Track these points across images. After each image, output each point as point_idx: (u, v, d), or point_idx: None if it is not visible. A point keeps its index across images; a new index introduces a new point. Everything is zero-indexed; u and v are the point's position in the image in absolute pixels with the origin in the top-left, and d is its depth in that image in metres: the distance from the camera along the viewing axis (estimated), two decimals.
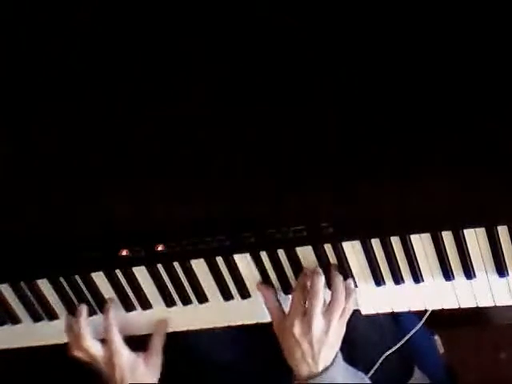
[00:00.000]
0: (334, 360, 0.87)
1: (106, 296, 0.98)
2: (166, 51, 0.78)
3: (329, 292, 0.88)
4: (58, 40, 0.79)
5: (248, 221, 0.87)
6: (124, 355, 0.93)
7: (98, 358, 0.94)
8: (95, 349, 0.94)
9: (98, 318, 0.99)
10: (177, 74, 0.79)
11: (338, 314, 0.86)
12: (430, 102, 0.75)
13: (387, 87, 0.75)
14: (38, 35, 0.79)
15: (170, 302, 0.97)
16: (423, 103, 0.75)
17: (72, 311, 1.00)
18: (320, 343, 0.85)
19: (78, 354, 0.95)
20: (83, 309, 0.96)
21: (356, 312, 0.90)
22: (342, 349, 0.90)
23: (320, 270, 0.88)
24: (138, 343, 0.96)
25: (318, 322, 0.85)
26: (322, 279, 0.87)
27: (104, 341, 0.95)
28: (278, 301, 0.91)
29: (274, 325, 0.90)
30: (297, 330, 0.85)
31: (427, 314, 0.93)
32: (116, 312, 0.96)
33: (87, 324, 0.95)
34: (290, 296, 0.92)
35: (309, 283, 0.87)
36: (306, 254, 0.89)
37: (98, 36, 0.78)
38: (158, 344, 0.96)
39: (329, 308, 0.86)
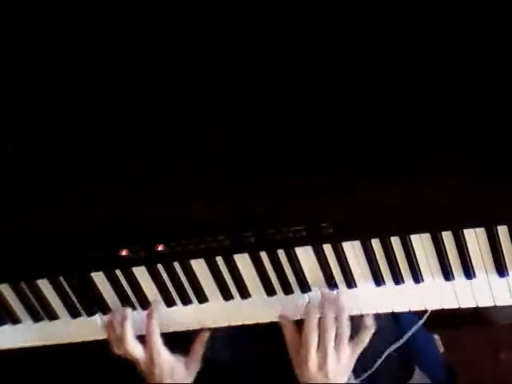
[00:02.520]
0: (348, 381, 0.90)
1: (106, 296, 0.98)
2: (167, 51, 0.78)
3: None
4: (58, 40, 0.79)
5: (248, 221, 0.87)
6: (165, 358, 0.94)
7: (139, 359, 0.95)
8: (137, 351, 0.94)
9: (99, 318, 0.99)
10: (176, 73, 0.79)
11: (346, 345, 0.88)
12: (430, 102, 0.75)
13: (387, 87, 0.75)
14: (38, 35, 0.79)
15: (170, 302, 0.97)
16: (423, 103, 0.75)
17: (72, 311, 1.00)
18: (335, 374, 0.88)
19: (118, 352, 0.96)
20: (128, 311, 0.96)
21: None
22: None
23: (329, 299, 0.89)
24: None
25: (332, 356, 0.87)
26: (332, 312, 0.88)
27: (143, 339, 0.95)
28: (297, 332, 0.91)
29: (291, 353, 0.91)
30: (312, 364, 0.87)
31: (427, 313, 0.93)
32: (158, 314, 0.96)
33: (131, 326, 0.95)
34: (290, 296, 0.92)
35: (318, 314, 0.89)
36: (305, 254, 0.89)
37: (98, 36, 0.78)
38: (199, 350, 0.98)
39: (337, 341, 0.87)
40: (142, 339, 0.95)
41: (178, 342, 0.97)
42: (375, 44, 0.73)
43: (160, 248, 0.91)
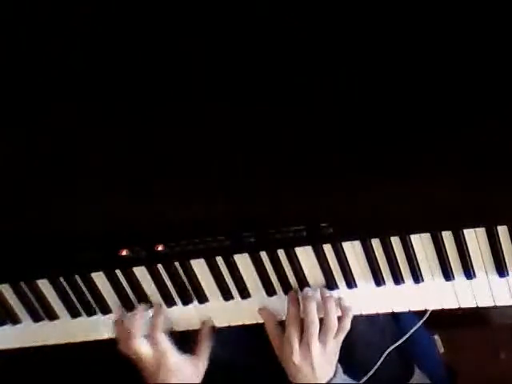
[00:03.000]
0: (335, 372, 0.90)
1: (106, 296, 0.98)
2: (167, 51, 0.78)
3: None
4: (58, 39, 0.79)
5: (248, 221, 0.87)
6: (172, 356, 0.93)
7: (145, 357, 0.93)
8: (144, 349, 0.93)
9: (99, 318, 0.99)
10: (176, 73, 0.79)
11: (332, 335, 0.88)
12: (430, 102, 0.75)
13: (387, 87, 0.75)
14: (39, 34, 0.79)
15: (170, 302, 0.97)
16: (423, 103, 0.75)
17: (72, 311, 1.00)
18: (320, 365, 0.88)
19: (124, 349, 0.95)
20: (141, 309, 0.95)
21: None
22: (343, 349, 0.90)
23: (310, 294, 0.90)
24: None
25: (315, 347, 0.87)
26: (314, 304, 0.89)
27: (148, 338, 0.94)
28: (279, 327, 0.92)
29: (276, 350, 0.92)
30: (296, 358, 0.88)
31: (427, 313, 0.93)
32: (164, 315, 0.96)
33: (141, 324, 0.94)
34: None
35: (301, 307, 0.90)
36: (306, 254, 0.89)
37: (98, 35, 0.78)
38: (206, 348, 0.97)
39: (323, 331, 0.88)
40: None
41: (178, 341, 0.97)
42: (375, 43, 0.73)
43: (160, 248, 0.91)
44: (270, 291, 0.93)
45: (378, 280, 0.88)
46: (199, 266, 0.93)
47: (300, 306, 0.90)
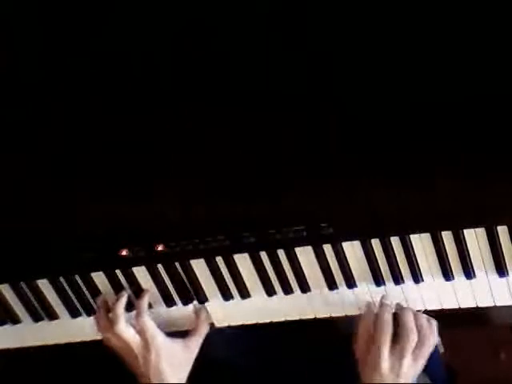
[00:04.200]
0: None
1: (107, 296, 0.98)
2: (167, 51, 0.78)
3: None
4: (58, 39, 0.79)
5: (248, 221, 0.87)
6: (161, 340, 0.91)
7: (132, 343, 0.91)
8: (129, 334, 0.91)
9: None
10: (176, 73, 0.79)
11: (427, 351, 0.86)
12: (430, 102, 0.75)
13: (388, 87, 0.75)
14: (39, 34, 0.79)
15: (170, 302, 0.97)
16: (423, 103, 0.75)
17: (72, 311, 1.00)
18: (406, 378, 0.85)
19: (109, 339, 0.93)
20: (124, 296, 0.94)
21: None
22: (344, 350, 0.90)
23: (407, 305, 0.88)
24: None
25: (408, 359, 0.84)
26: (411, 315, 0.86)
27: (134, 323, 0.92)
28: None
29: (356, 346, 0.88)
30: (385, 364, 0.84)
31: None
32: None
33: (123, 311, 0.93)
34: (290, 296, 0.92)
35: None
36: (305, 254, 0.89)
37: (98, 35, 0.78)
38: (199, 333, 0.95)
39: (418, 345, 0.85)
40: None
41: None
42: (375, 43, 0.73)
43: (160, 248, 0.91)
44: (270, 291, 0.93)
45: (378, 280, 0.88)
46: (199, 266, 0.93)
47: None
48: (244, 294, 0.94)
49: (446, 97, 0.74)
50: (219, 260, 0.92)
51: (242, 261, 0.92)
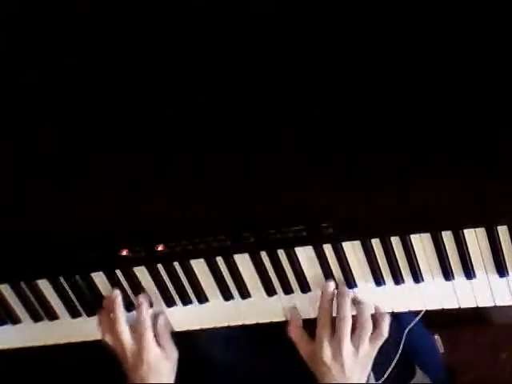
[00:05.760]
0: (367, 379, 0.87)
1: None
2: (167, 51, 0.78)
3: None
4: (58, 38, 0.79)
5: (248, 221, 0.87)
6: (154, 353, 0.92)
7: (127, 346, 0.92)
8: (126, 336, 0.92)
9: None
10: (177, 73, 0.79)
11: (366, 337, 0.86)
12: (430, 102, 0.75)
13: (388, 87, 0.75)
14: (38, 33, 0.79)
15: (170, 302, 0.97)
16: (424, 103, 0.75)
17: (72, 311, 1.00)
18: (351, 366, 0.84)
19: (107, 338, 0.94)
20: (117, 296, 0.95)
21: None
22: None
23: (345, 290, 0.88)
24: None
25: (347, 345, 0.84)
26: (348, 300, 0.87)
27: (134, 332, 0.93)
28: (302, 327, 0.90)
29: (302, 352, 0.89)
30: (327, 355, 0.85)
31: (423, 311, 0.93)
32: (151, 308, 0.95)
33: (123, 309, 0.94)
34: (290, 296, 0.92)
35: (334, 303, 0.88)
36: (305, 254, 0.89)
37: (98, 35, 0.78)
38: (168, 339, 0.96)
39: (357, 332, 0.86)
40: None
41: (178, 342, 0.97)
42: (375, 42, 0.73)
43: (160, 248, 0.91)
44: (270, 291, 0.93)
45: (378, 280, 0.88)
46: (199, 266, 0.93)
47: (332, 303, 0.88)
48: (244, 294, 0.94)
49: (446, 97, 0.74)
50: (219, 260, 0.92)
51: (242, 261, 0.92)
